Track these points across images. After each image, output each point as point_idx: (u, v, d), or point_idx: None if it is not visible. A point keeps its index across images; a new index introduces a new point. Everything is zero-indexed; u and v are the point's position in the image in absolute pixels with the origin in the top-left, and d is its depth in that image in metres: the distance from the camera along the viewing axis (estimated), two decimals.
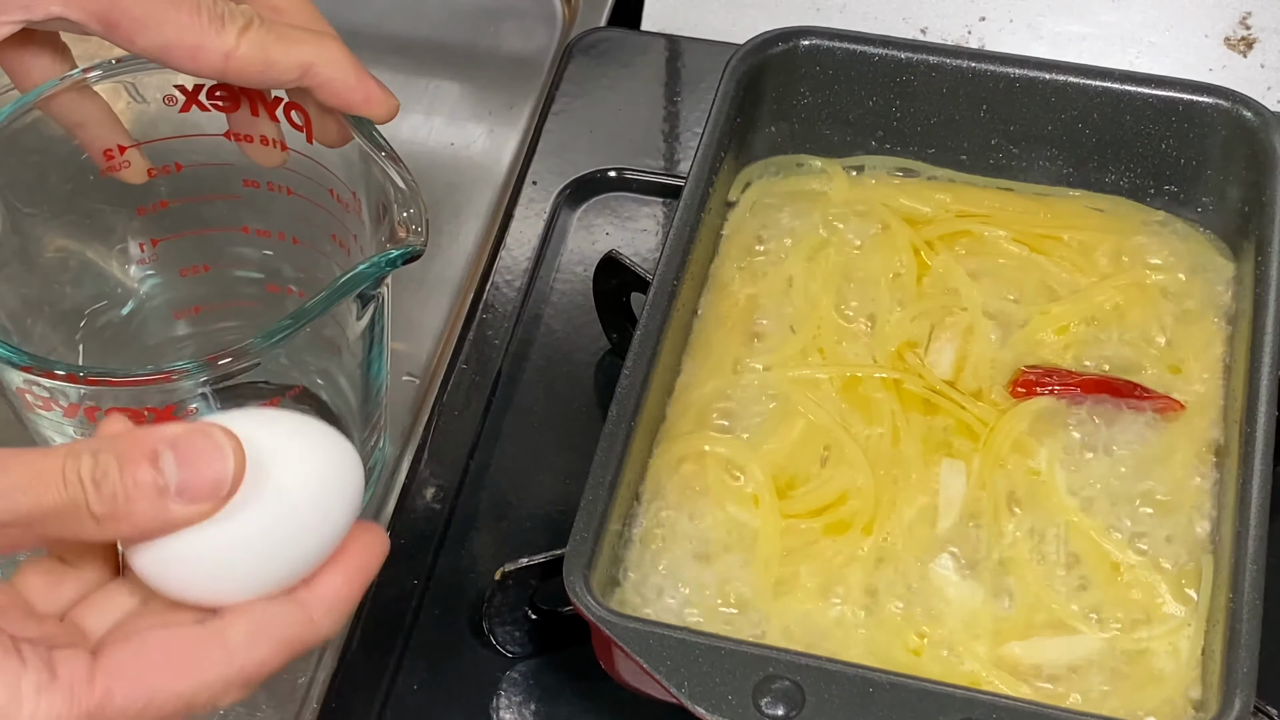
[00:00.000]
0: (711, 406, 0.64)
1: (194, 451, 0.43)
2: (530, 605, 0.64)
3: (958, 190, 0.71)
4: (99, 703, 0.42)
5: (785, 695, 0.53)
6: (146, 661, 0.43)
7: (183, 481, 0.43)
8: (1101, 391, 0.64)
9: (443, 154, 0.85)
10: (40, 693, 0.41)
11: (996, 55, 0.70)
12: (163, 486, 0.43)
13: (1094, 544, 0.60)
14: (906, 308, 0.67)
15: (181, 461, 0.43)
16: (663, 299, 0.62)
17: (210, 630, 0.44)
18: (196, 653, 0.44)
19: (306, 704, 0.65)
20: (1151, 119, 0.69)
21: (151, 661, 0.43)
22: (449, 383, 0.73)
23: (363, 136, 0.59)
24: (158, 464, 0.43)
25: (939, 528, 0.61)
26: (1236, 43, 0.84)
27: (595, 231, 0.79)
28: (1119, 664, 0.58)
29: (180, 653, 0.44)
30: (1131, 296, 0.67)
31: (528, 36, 0.90)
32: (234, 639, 0.44)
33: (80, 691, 0.42)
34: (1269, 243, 0.64)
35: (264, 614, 0.45)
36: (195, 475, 0.43)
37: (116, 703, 0.42)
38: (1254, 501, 0.57)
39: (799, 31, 0.70)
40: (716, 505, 0.61)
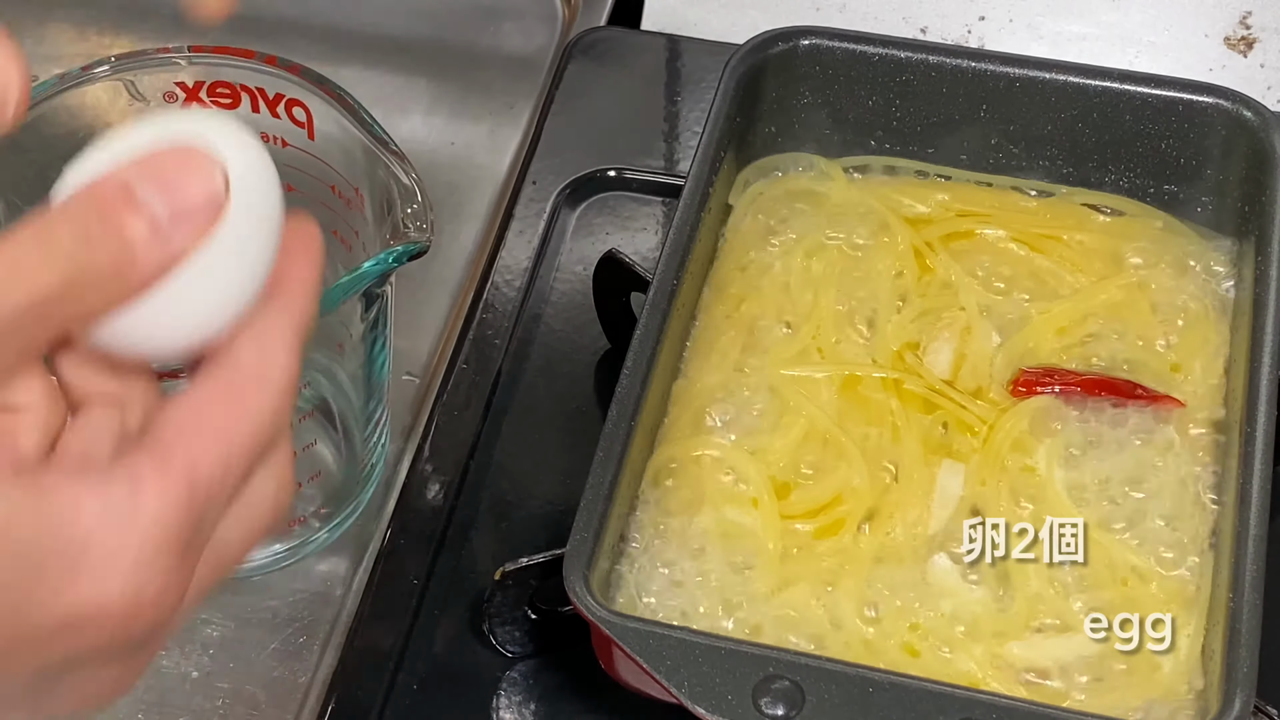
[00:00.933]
0: (711, 407, 0.64)
1: (170, 175, 0.38)
2: (530, 605, 0.64)
3: (957, 190, 0.71)
4: (189, 478, 0.38)
5: (785, 695, 0.53)
6: (197, 419, 0.39)
7: (173, 209, 0.38)
8: (1101, 391, 0.64)
9: (443, 154, 0.85)
10: (135, 496, 0.38)
11: (996, 55, 0.70)
12: (156, 221, 0.38)
13: (1093, 543, 0.60)
14: (906, 308, 0.67)
15: (162, 189, 0.38)
16: (663, 299, 0.62)
17: (226, 368, 0.40)
18: (231, 391, 0.39)
19: (306, 704, 0.65)
20: (1151, 119, 0.69)
21: (202, 416, 0.39)
22: (449, 382, 0.73)
23: (366, 132, 0.59)
24: (137, 201, 0.38)
25: (937, 528, 0.61)
26: (1236, 43, 0.84)
27: (595, 231, 0.79)
28: (1118, 663, 0.58)
29: (218, 398, 0.39)
30: (1131, 296, 0.67)
31: (528, 36, 0.90)
32: (248, 361, 0.40)
33: (166, 475, 0.38)
34: (1269, 243, 0.64)
35: (260, 328, 0.40)
36: (184, 198, 0.38)
37: (203, 470, 0.38)
38: (1254, 501, 0.57)
39: (799, 31, 0.70)
40: (715, 506, 0.61)
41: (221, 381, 0.40)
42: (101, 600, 0.37)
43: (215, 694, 0.65)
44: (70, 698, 0.40)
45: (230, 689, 0.65)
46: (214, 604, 0.67)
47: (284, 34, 0.88)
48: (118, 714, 0.64)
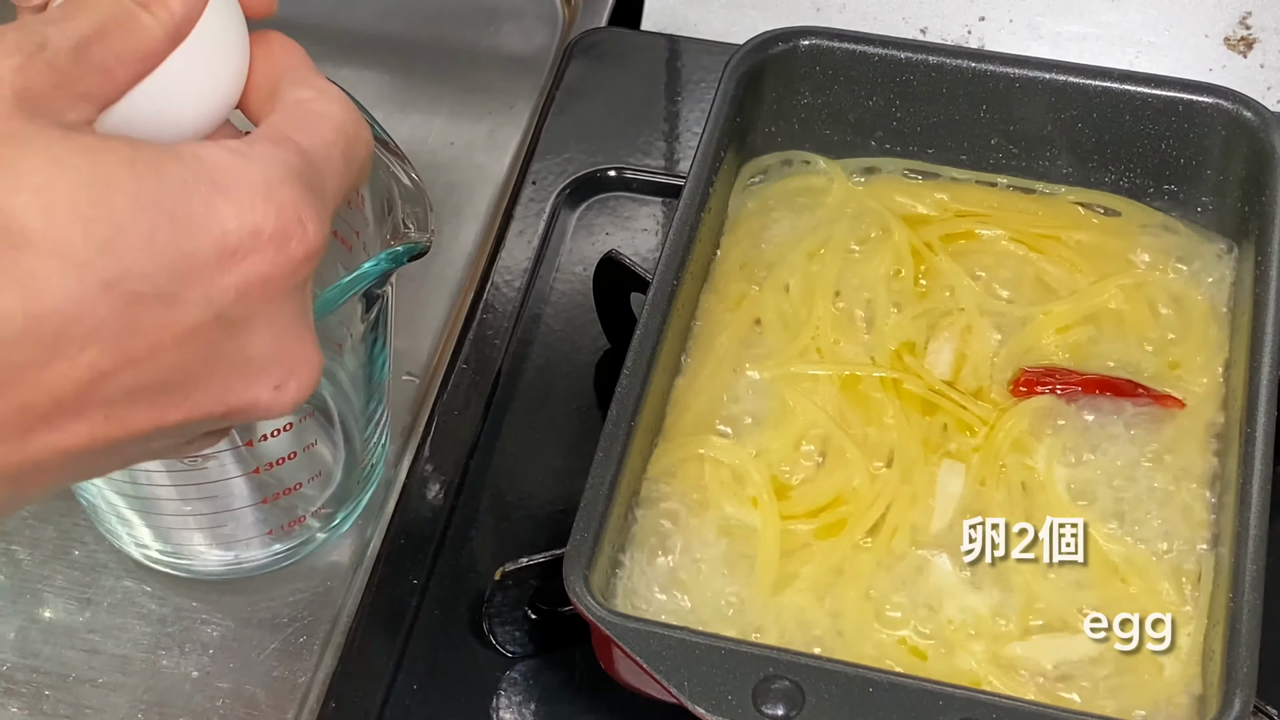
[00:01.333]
0: (711, 407, 0.64)
1: None
2: (530, 605, 0.64)
3: (957, 190, 0.71)
4: (297, 145, 0.42)
5: (785, 695, 0.53)
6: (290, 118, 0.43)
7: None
8: (1101, 390, 0.64)
9: (443, 154, 0.85)
10: (254, 145, 0.41)
11: (996, 55, 0.70)
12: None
13: (1094, 543, 0.60)
14: (905, 308, 0.67)
15: None
16: (663, 299, 0.62)
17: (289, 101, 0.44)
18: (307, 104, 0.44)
19: (306, 704, 0.65)
20: (1151, 119, 0.69)
21: (294, 116, 0.43)
22: (449, 382, 0.73)
23: None
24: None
25: (937, 528, 0.61)
26: (1236, 43, 0.84)
27: (595, 231, 0.79)
28: (1118, 663, 0.58)
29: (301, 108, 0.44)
30: (1131, 296, 0.67)
31: (528, 36, 0.90)
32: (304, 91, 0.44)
33: (278, 142, 0.42)
34: (1269, 243, 0.64)
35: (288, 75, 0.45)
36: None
37: (307, 142, 0.42)
38: (1254, 501, 0.57)
39: (799, 31, 0.70)
40: (716, 506, 0.61)
41: (291, 104, 0.44)
42: (251, 219, 0.40)
43: (215, 694, 0.65)
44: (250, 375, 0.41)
45: (230, 689, 0.65)
46: (214, 604, 0.67)
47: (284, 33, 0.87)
48: (118, 714, 0.65)
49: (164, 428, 0.40)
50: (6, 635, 0.67)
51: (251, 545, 0.66)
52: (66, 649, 0.66)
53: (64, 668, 0.66)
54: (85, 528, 0.69)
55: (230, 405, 0.41)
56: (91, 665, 0.66)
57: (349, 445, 0.66)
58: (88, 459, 0.40)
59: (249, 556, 0.66)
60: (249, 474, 0.61)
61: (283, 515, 0.65)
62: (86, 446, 0.39)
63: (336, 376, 0.63)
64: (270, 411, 0.42)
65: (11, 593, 0.68)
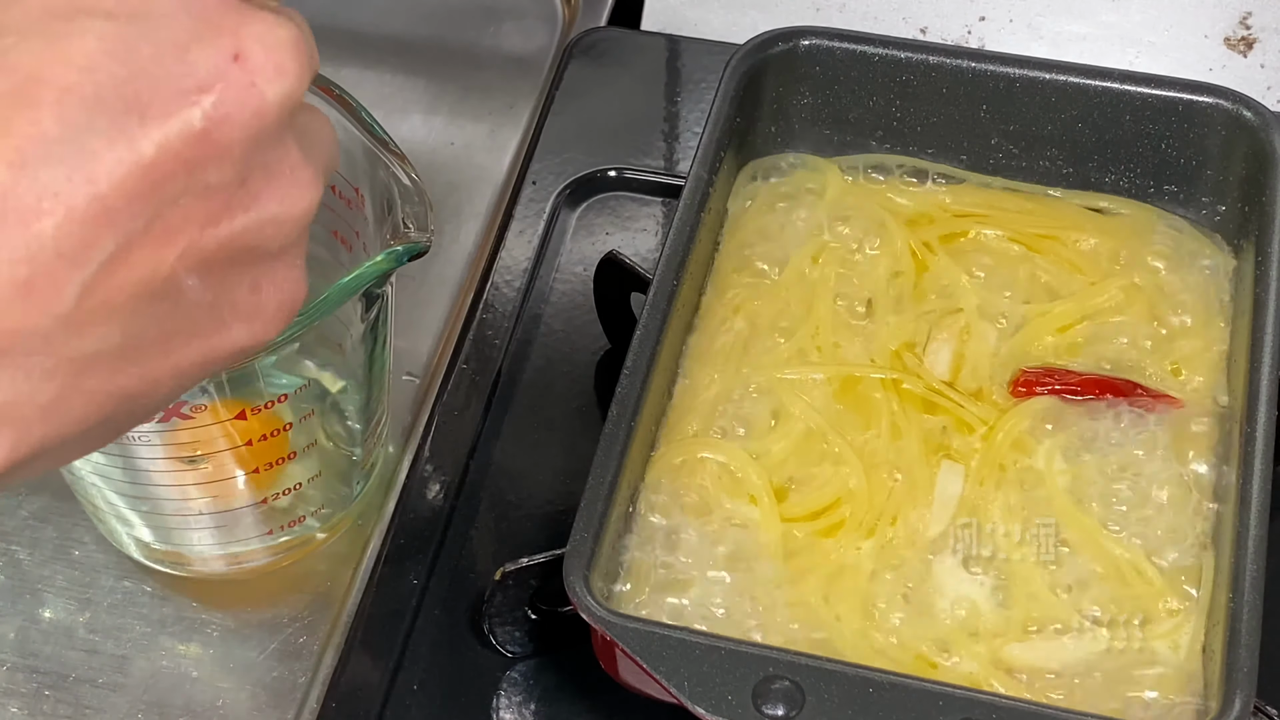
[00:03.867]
0: (710, 408, 0.64)
1: None
2: (530, 605, 0.64)
3: (957, 190, 0.71)
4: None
5: (785, 695, 0.53)
6: None
7: None
8: (1101, 391, 0.64)
9: (443, 154, 0.85)
10: None
11: (996, 55, 0.70)
12: None
13: (1094, 543, 0.60)
14: (905, 308, 0.67)
15: None
16: (663, 299, 0.62)
17: None
18: None
19: (306, 704, 0.65)
20: (1151, 119, 0.69)
21: None
22: (449, 382, 0.73)
23: (367, 133, 0.59)
24: None
25: (937, 528, 0.61)
26: (1236, 43, 0.84)
27: (595, 231, 0.79)
28: (1119, 663, 0.58)
29: None
30: (1131, 296, 0.67)
31: (528, 36, 0.90)
32: None
33: None
34: (1269, 243, 0.64)
35: None
36: None
37: None
38: (1254, 501, 0.57)
39: (799, 31, 0.70)
40: (715, 507, 0.61)
41: None
42: None
43: (215, 694, 0.65)
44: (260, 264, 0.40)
45: (230, 689, 0.65)
46: (214, 604, 0.67)
47: None
48: (118, 714, 0.65)
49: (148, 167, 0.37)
50: (6, 635, 0.67)
51: (251, 545, 0.66)
52: (66, 649, 0.66)
53: (64, 668, 0.66)
54: (85, 528, 0.69)
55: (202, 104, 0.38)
56: (91, 665, 0.66)
57: (349, 445, 0.66)
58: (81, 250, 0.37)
59: (249, 557, 0.66)
60: (249, 474, 0.61)
61: (282, 516, 0.65)
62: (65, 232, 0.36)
63: (336, 377, 0.63)
64: (257, 88, 0.39)
65: (11, 593, 0.68)
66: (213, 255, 0.39)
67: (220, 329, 0.40)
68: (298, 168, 0.41)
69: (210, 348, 0.40)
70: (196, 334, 0.40)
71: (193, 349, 0.40)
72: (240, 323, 0.41)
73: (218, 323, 0.40)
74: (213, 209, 0.39)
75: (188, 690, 0.65)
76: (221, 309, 0.40)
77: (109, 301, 0.37)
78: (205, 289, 0.39)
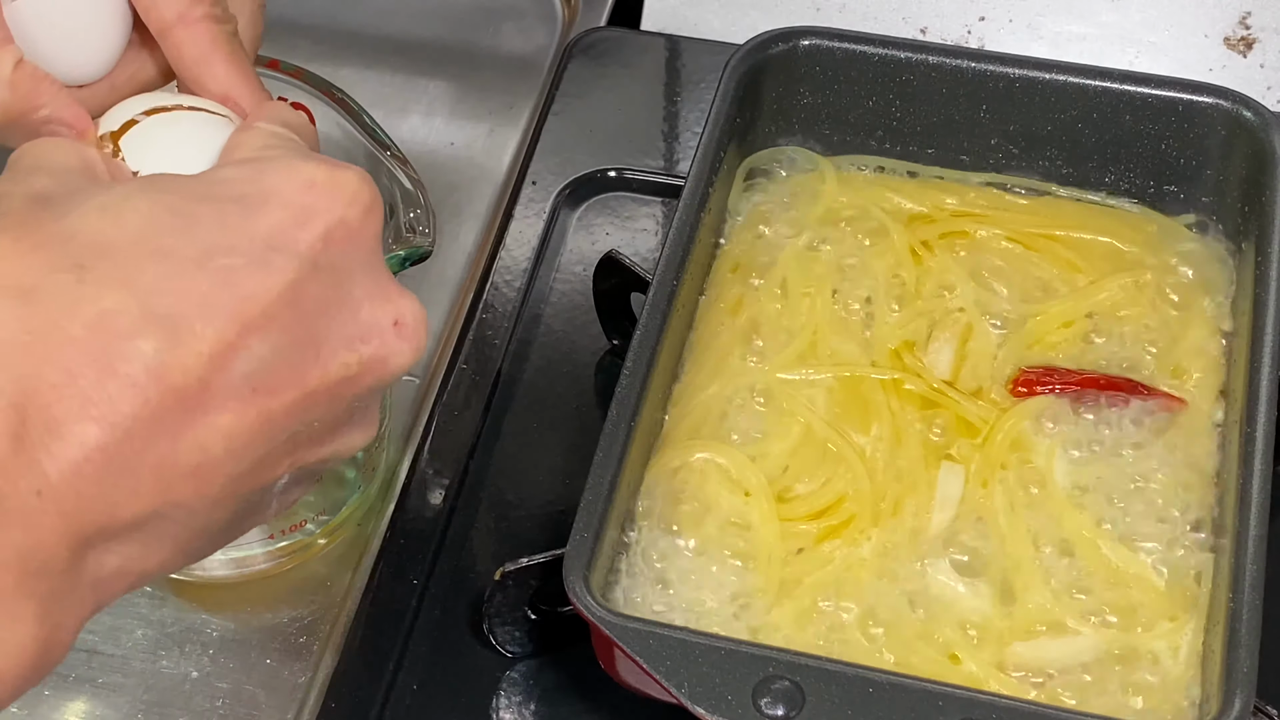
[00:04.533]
0: (710, 408, 0.64)
1: None
2: (530, 605, 0.64)
3: (957, 190, 0.71)
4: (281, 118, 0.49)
5: (785, 695, 0.53)
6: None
7: None
8: (1101, 390, 0.64)
9: (443, 154, 0.85)
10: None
11: (996, 55, 0.70)
12: None
13: (1094, 543, 0.60)
14: (905, 308, 0.67)
15: None
16: (663, 299, 0.62)
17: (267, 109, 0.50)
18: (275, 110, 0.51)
19: (306, 704, 0.65)
20: (1151, 119, 0.69)
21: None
22: (449, 383, 0.73)
23: (369, 137, 0.59)
24: None
25: (937, 529, 0.61)
26: (1236, 43, 0.84)
27: (595, 231, 0.79)
28: (1119, 664, 0.58)
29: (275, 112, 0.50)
30: (1131, 295, 0.67)
31: (528, 36, 0.90)
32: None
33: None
34: (1269, 243, 0.64)
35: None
36: None
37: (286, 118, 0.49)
38: (1254, 501, 0.57)
39: (799, 31, 0.70)
40: (715, 508, 0.61)
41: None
42: (301, 178, 0.44)
43: (215, 694, 0.65)
44: (366, 316, 0.45)
45: (230, 689, 0.65)
46: (214, 604, 0.67)
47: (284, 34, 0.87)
48: (118, 714, 0.65)
49: (308, 395, 0.42)
50: None
51: (252, 550, 0.66)
52: None
53: (64, 668, 0.66)
54: None
55: (361, 353, 0.44)
56: (91, 666, 0.66)
57: None
58: (244, 450, 0.42)
59: (249, 561, 0.66)
60: None
61: (283, 520, 0.65)
62: (236, 432, 0.41)
63: None
64: (401, 355, 0.45)
65: None
66: (306, 467, 0.45)
67: (263, 515, 0.46)
68: (376, 411, 0.48)
69: (251, 525, 0.46)
70: (256, 516, 0.46)
71: (244, 527, 0.46)
72: (275, 509, 0.47)
73: (266, 510, 0.46)
74: (326, 435, 0.45)
75: (188, 691, 0.65)
76: (274, 500, 0.46)
77: (239, 492, 0.43)
78: (285, 487, 0.46)
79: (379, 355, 0.45)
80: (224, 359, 0.40)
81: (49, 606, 0.39)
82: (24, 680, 0.40)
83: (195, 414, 0.40)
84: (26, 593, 0.38)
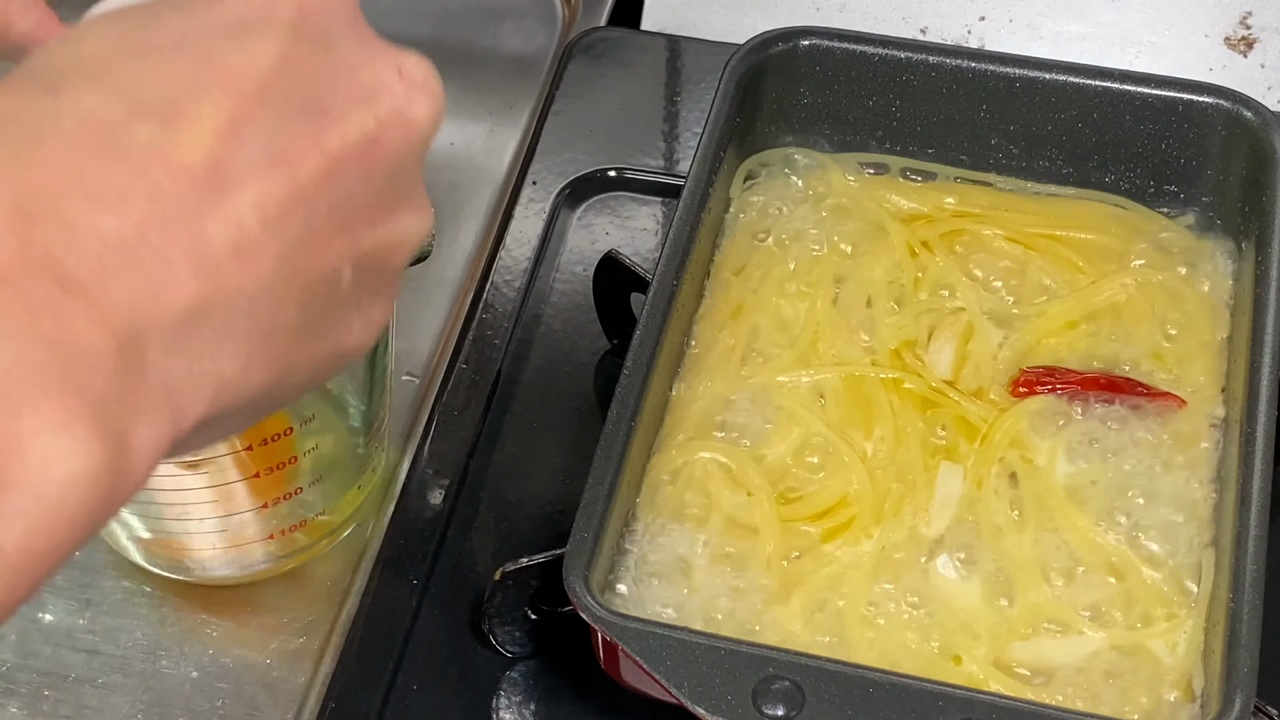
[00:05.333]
0: (711, 408, 0.64)
1: None
2: (530, 605, 0.64)
3: (956, 190, 0.71)
4: None
5: (785, 695, 0.53)
6: None
7: None
8: (1102, 389, 0.64)
9: (443, 154, 0.85)
10: None
11: (996, 55, 0.70)
12: None
13: (1094, 543, 0.60)
14: (905, 308, 0.67)
15: None
16: (662, 299, 0.62)
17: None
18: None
19: (306, 704, 0.65)
20: (1151, 119, 0.69)
21: None
22: (449, 383, 0.73)
23: None
24: None
25: (937, 529, 0.61)
26: (1236, 43, 0.84)
27: (595, 231, 0.79)
28: (1119, 663, 0.58)
29: None
30: (1131, 295, 0.67)
31: (528, 36, 0.90)
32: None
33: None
34: (1269, 242, 0.64)
35: None
36: None
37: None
38: (1254, 501, 0.57)
39: (799, 31, 0.70)
40: (715, 508, 0.61)
41: None
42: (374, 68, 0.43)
43: (215, 694, 0.65)
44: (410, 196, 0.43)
45: (230, 689, 0.65)
46: (214, 605, 0.67)
47: None
48: (118, 714, 0.65)
49: (332, 160, 0.40)
50: (7, 636, 0.66)
51: (252, 549, 0.66)
52: (66, 650, 0.66)
53: (64, 668, 0.66)
54: None
55: (375, 110, 0.42)
56: (91, 666, 0.66)
57: (350, 449, 0.66)
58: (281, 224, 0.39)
59: (250, 561, 0.66)
60: (251, 479, 0.61)
61: (283, 520, 0.65)
62: (267, 204, 0.39)
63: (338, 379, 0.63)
64: (418, 104, 0.43)
65: None
66: (366, 253, 0.42)
67: (348, 325, 0.43)
68: (423, 190, 0.44)
69: (340, 340, 0.43)
70: (337, 324, 0.42)
71: (333, 338, 0.42)
72: (359, 323, 0.43)
73: (348, 320, 0.43)
74: (372, 210, 0.42)
75: (188, 691, 0.65)
76: (355, 307, 0.43)
77: (295, 277, 0.39)
78: (355, 284, 0.42)
79: (394, 109, 0.43)
80: (228, 134, 0.39)
81: (108, 412, 0.35)
82: (92, 508, 0.35)
83: (217, 193, 0.38)
84: (74, 392, 0.34)
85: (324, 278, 0.41)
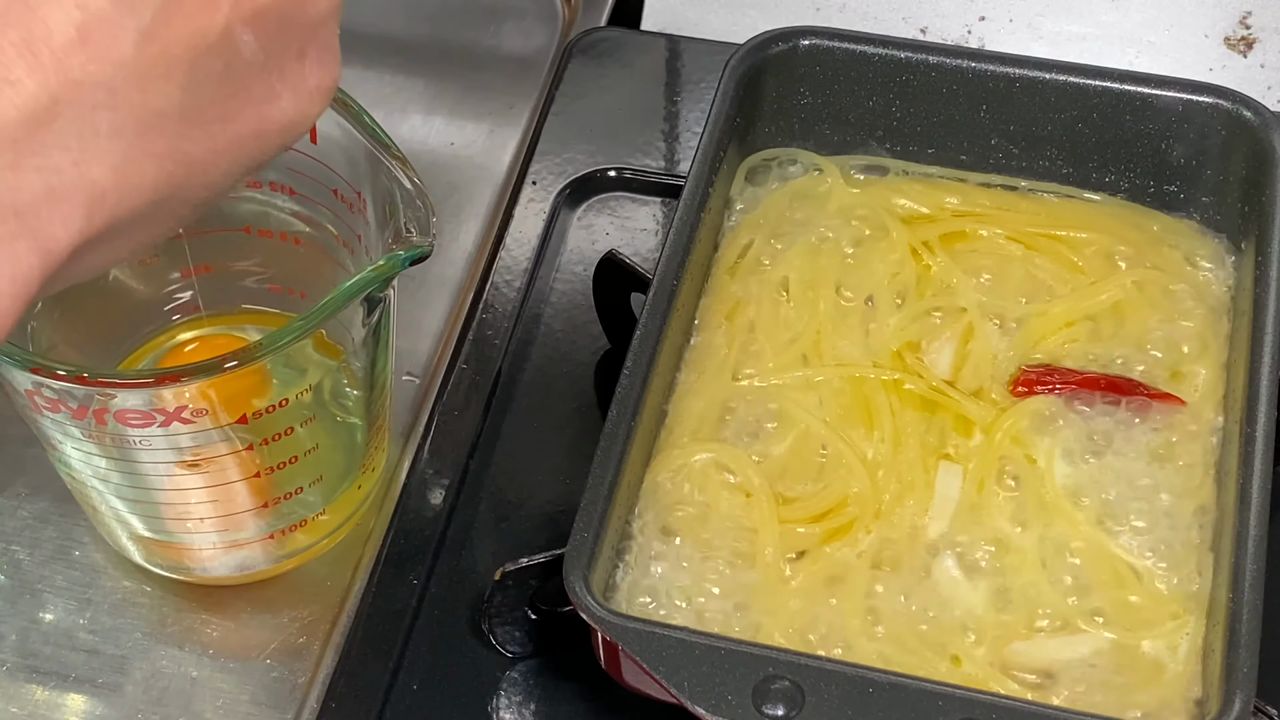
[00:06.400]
0: (711, 409, 0.64)
1: None
2: (530, 605, 0.64)
3: (957, 190, 0.71)
4: None
5: (785, 695, 0.53)
6: None
7: None
8: (1101, 390, 0.64)
9: (443, 154, 0.85)
10: None
11: (996, 55, 0.70)
12: None
13: (1094, 543, 0.60)
14: (905, 308, 0.67)
15: None
16: (662, 299, 0.62)
17: None
18: None
19: (306, 704, 0.65)
20: (1151, 119, 0.69)
21: None
22: (449, 383, 0.73)
23: (369, 137, 0.59)
24: None
25: (937, 530, 0.61)
26: (1236, 43, 0.84)
27: (595, 231, 0.79)
28: (1119, 664, 0.58)
29: None
30: (1131, 295, 0.67)
31: (528, 36, 0.90)
32: None
33: None
34: (1269, 243, 0.64)
35: None
36: None
37: None
38: (1254, 501, 0.57)
39: (799, 31, 0.70)
40: (715, 508, 0.61)
41: None
42: None
43: (215, 694, 0.65)
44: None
45: (230, 689, 0.65)
46: (214, 604, 0.67)
47: None
48: (118, 714, 0.65)
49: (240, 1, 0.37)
50: (7, 636, 0.67)
51: (252, 549, 0.66)
52: (66, 650, 0.66)
53: (64, 668, 0.66)
54: (85, 529, 0.69)
55: None
56: (91, 666, 0.66)
57: (350, 449, 0.66)
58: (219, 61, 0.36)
59: (250, 561, 0.66)
60: (250, 478, 0.61)
61: (283, 519, 0.65)
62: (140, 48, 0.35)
63: (338, 380, 0.63)
64: None
65: (12, 594, 0.68)
66: (264, 9, 0.38)
67: (271, 98, 0.40)
68: None
69: (262, 117, 0.40)
70: (251, 99, 0.39)
71: (248, 116, 0.39)
72: (288, 93, 0.40)
73: (268, 90, 0.40)
74: None
75: (188, 691, 0.65)
76: (271, 75, 0.39)
77: (167, 52, 0.36)
78: (258, 48, 0.39)
79: None
80: None
81: None
82: None
83: None
84: None
85: (210, 48, 0.37)
